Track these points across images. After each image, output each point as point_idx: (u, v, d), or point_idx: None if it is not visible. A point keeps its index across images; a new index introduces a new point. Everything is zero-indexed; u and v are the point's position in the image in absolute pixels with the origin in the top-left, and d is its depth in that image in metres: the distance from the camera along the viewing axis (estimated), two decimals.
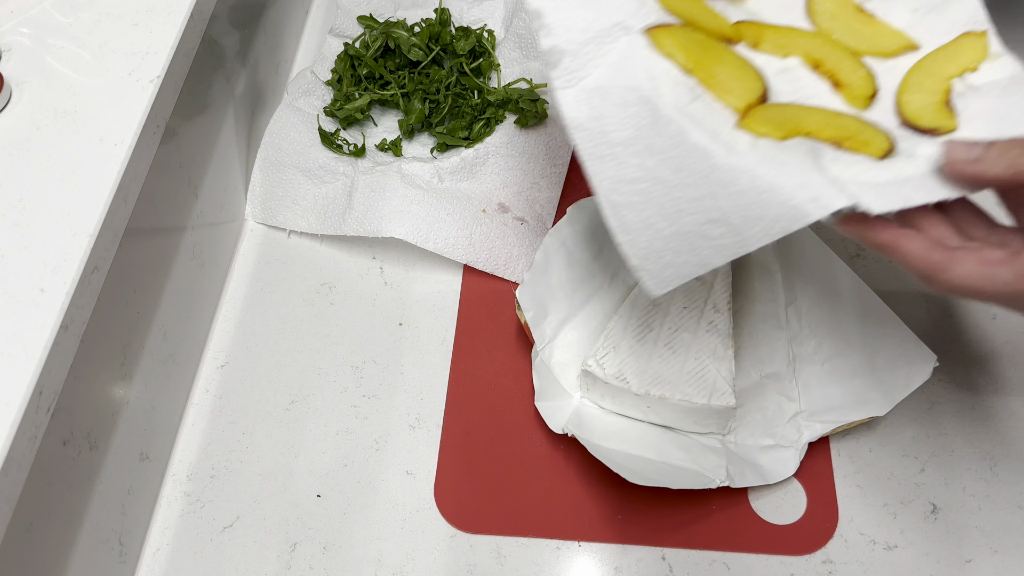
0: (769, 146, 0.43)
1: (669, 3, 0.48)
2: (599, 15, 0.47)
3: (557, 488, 0.54)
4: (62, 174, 0.48)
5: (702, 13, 0.49)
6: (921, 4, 0.50)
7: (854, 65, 0.49)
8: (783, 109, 0.46)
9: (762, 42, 0.50)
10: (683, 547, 0.52)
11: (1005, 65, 0.47)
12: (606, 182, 0.44)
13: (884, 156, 0.44)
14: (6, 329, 0.42)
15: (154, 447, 0.56)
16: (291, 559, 0.54)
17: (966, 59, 0.48)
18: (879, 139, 0.44)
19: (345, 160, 0.69)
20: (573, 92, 0.45)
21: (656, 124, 0.44)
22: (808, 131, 0.45)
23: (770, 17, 0.51)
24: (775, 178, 0.41)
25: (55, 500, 0.46)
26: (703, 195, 0.42)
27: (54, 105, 0.51)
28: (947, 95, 0.47)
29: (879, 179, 0.42)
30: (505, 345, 0.61)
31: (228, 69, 0.66)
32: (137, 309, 0.54)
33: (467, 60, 0.71)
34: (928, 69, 0.48)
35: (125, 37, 0.54)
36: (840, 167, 0.42)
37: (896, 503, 0.53)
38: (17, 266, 0.44)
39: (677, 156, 0.43)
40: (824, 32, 0.50)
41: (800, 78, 0.48)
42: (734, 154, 0.42)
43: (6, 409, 0.40)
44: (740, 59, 0.48)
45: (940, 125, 0.45)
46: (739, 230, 0.42)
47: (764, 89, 0.47)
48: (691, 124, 0.43)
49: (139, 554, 0.55)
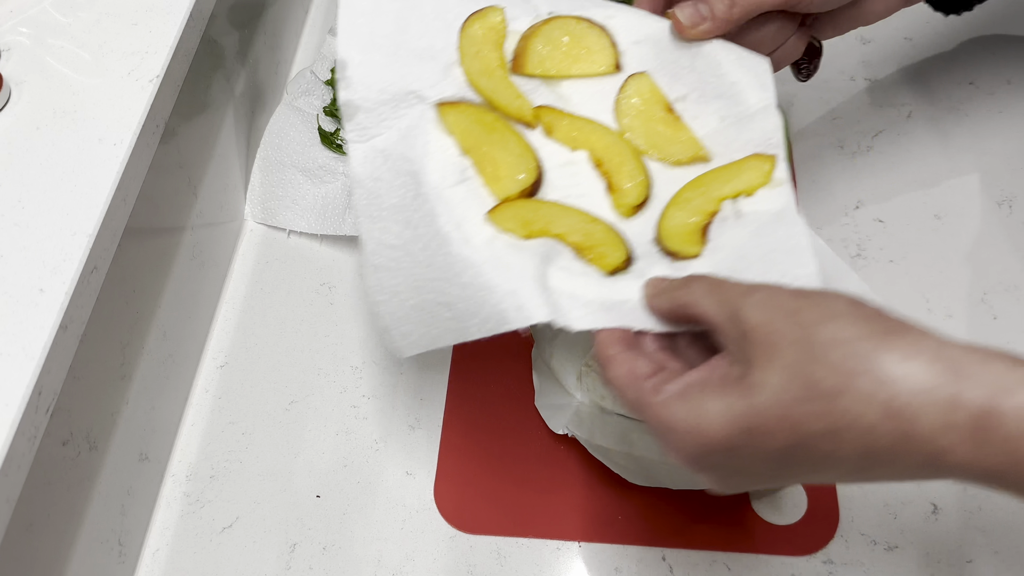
0: (506, 244, 0.44)
1: (473, 78, 0.49)
2: (399, 79, 0.48)
3: (557, 488, 0.54)
4: (61, 174, 0.48)
5: (504, 93, 0.49)
6: (729, 113, 0.49)
7: (633, 171, 0.48)
8: (540, 206, 0.46)
9: (556, 131, 0.49)
10: (683, 547, 0.52)
11: (779, 196, 0.46)
12: (371, 242, 0.45)
13: (614, 272, 0.44)
14: (5, 329, 0.42)
15: (153, 447, 0.56)
16: (291, 559, 0.54)
17: (744, 182, 0.47)
18: (615, 254, 0.44)
19: (345, 160, 0.69)
20: (363, 148, 0.47)
21: (417, 199, 0.45)
22: (556, 233, 0.45)
23: (579, 104, 0.50)
24: (493, 279, 0.42)
25: (54, 500, 0.46)
26: (438, 278, 0.44)
27: (53, 105, 0.51)
28: (710, 217, 0.46)
29: (595, 296, 0.42)
30: (505, 345, 0.61)
31: (228, 69, 0.66)
32: (136, 309, 0.54)
33: None
34: (705, 186, 0.47)
35: (124, 37, 0.54)
36: (564, 277, 0.43)
37: (897, 503, 0.53)
38: (16, 266, 0.44)
39: (425, 235, 0.44)
40: (624, 129, 0.49)
41: (579, 174, 0.48)
42: (468, 247, 0.43)
43: (5, 409, 0.39)
44: (523, 147, 0.47)
45: (681, 250, 0.45)
46: (462, 319, 0.43)
47: (536, 181, 0.47)
48: (443, 208, 0.44)
49: (138, 554, 0.55)
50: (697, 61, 0.50)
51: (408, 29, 0.49)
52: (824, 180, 0.65)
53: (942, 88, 0.69)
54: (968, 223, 0.61)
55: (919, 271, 0.59)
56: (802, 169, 0.65)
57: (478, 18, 0.50)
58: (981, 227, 0.60)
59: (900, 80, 0.69)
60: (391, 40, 0.48)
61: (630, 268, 0.44)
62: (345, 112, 0.47)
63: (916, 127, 0.67)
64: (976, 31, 0.70)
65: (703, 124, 0.49)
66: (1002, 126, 0.66)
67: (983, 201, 0.55)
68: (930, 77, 0.69)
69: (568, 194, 0.47)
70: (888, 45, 0.71)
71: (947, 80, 0.69)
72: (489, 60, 0.50)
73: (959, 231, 0.61)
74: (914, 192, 0.64)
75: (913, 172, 0.65)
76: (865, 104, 0.68)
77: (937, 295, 0.58)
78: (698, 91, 0.50)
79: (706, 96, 0.49)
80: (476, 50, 0.50)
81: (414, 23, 0.49)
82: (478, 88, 0.49)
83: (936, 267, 0.59)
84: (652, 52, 0.50)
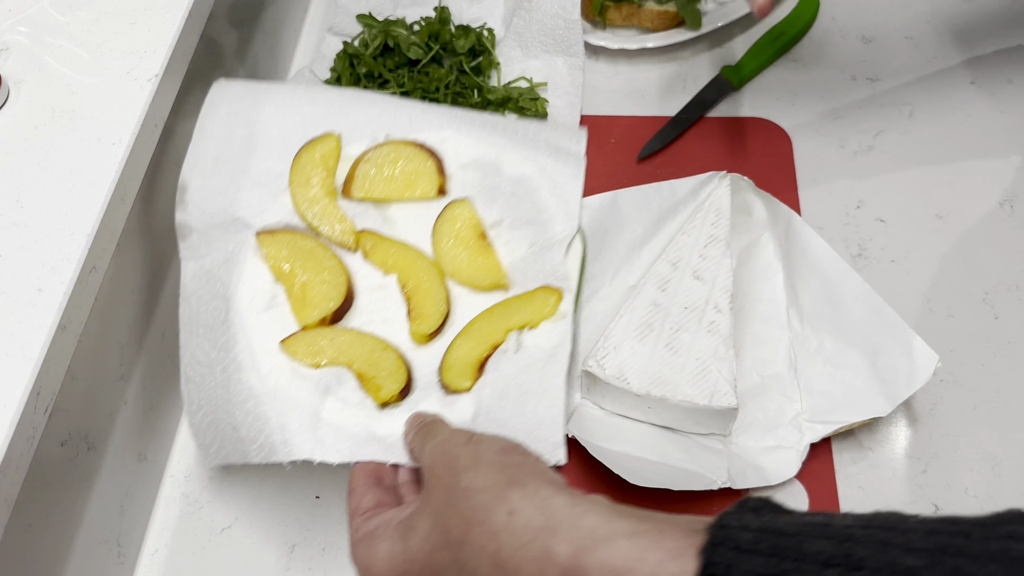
0: (291, 374, 0.47)
1: (299, 206, 0.52)
2: (229, 205, 0.51)
3: None
4: (60, 173, 0.47)
5: (327, 220, 0.52)
6: (537, 240, 0.52)
7: (435, 299, 0.50)
8: (336, 335, 0.49)
9: (372, 255, 0.52)
10: None
11: (558, 331, 0.49)
12: (187, 355, 0.49)
13: (386, 404, 0.47)
14: (4, 329, 0.42)
15: (152, 448, 0.56)
16: (289, 560, 0.54)
17: (531, 313, 0.49)
18: (392, 386, 0.47)
19: None
20: (193, 266, 0.50)
21: (224, 323, 0.49)
22: (343, 362, 0.48)
23: (403, 227, 0.53)
24: (268, 411, 0.46)
25: (53, 501, 0.46)
26: (230, 401, 0.47)
27: (52, 104, 0.51)
28: (493, 349, 0.49)
29: (362, 429, 0.46)
30: None
31: (227, 68, 0.66)
32: (135, 309, 0.54)
33: (467, 59, 0.71)
34: (496, 315, 0.50)
35: (123, 36, 0.53)
36: (338, 408, 0.46)
37: (898, 504, 0.53)
38: (15, 266, 0.44)
39: (224, 359, 0.48)
40: (437, 254, 0.52)
41: (387, 298, 0.51)
42: (255, 375, 0.47)
43: (4, 410, 0.39)
44: (337, 273, 0.50)
45: (453, 384, 0.48)
46: (244, 443, 0.46)
47: (343, 306, 0.50)
48: (243, 334, 0.48)
49: (137, 555, 0.54)
50: (516, 187, 0.53)
51: (254, 153, 0.53)
52: (825, 179, 0.65)
53: (944, 88, 0.68)
54: (970, 223, 0.61)
55: (920, 271, 0.59)
56: (803, 168, 0.65)
57: (314, 144, 0.54)
58: (983, 227, 0.60)
59: (901, 79, 0.69)
60: (233, 165, 0.52)
61: (407, 399, 0.47)
62: (179, 232, 0.51)
63: (918, 126, 0.67)
64: (977, 31, 0.70)
65: (512, 250, 0.52)
66: (1004, 126, 0.66)
67: (985, 201, 0.54)
68: (931, 76, 0.69)
69: (372, 319, 0.50)
70: (889, 44, 0.70)
71: (949, 80, 0.69)
72: (317, 187, 0.53)
73: (960, 231, 0.60)
74: (916, 192, 0.63)
75: (915, 172, 0.64)
76: (866, 103, 0.67)
77: (938, 295, 0.58)
78: (512, 216, 0.53)
79: (519, 222, 0.53)
80: (306, 177, 0.53)
81: (261, 147, 0.53)
82: (302, 215, 0.52)
83: (937, 267, 0.59)
84: (477, 176, 0.53)
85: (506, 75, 0.72)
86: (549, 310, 0.49)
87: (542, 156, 0.54)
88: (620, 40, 0.72)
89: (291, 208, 0.52)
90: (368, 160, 0.54)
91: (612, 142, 0.68)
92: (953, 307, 0.58)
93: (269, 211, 0.51)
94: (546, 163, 0.53)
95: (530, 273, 0.51)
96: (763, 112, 0.68)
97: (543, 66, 0.71)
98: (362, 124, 0.55)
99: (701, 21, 0.71)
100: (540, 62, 0.71)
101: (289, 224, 0.52)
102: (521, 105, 0.68)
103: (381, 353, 0.49)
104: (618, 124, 0.69)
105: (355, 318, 0.50)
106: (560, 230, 0.52)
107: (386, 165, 0.53)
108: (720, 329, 0.53)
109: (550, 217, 0.52)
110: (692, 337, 0.53)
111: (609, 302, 0.58)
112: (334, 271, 0.50)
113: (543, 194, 0.52)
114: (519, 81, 0.70)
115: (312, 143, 0.54)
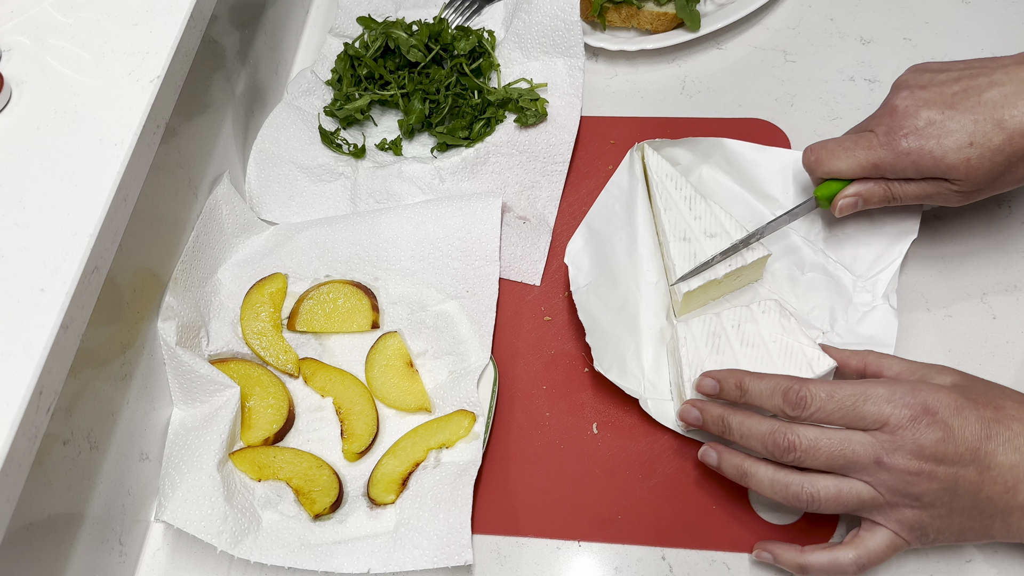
0: (242, 485, 0.54)
1: (248, 338, 0.60)
2: None
3: (557, 488, 0.54)
4: (62, 174, 0.48)
5: (272, 350, 0.60)
6: (456, 368, 0.58)
7: (366, 420, 0.57)
8: (277, 453, 0.55)
9: (312, 380, 0.59)
10: (683, 547, 0.52)
11: (471, 449, 0.54)
12: (171, 470, 0.54)
13: (318, 517, 0.53)
14: (6, 329, 0.42)
15: (154, 447, 0.56)
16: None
17: (448, 434, 0.55)
18: (324, 500, 0.53)
19: (344, 160, 0.69)
20: (181, 413, 0.57)
21: (184, 432, 0.55)
22: (282, 477, 0.55)
23: (340, 356, 0.60)
24: (225, 509, 0.52)
25: (55, 500, 0.46)
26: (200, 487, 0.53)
27: (54, 105, 0.51)
28: (415, 466, 0.54)
29: (296, 538, 0.52)
30: (508, 351, 0.61)
31: (228, 69, 0.66)
32: (137, 309, 0.54)
33: (467, 60, 0.71)
34: (420, 436, 0.56)
35: (125, 37, 0.54)
36: (277, 520, 0.53)
37: None
38: (17, 266, 0.44)
39: (190, 456, 0.55)
40: (370, 380, 0.59)
41: (324, 419, 0.58)
42: (214, 478, 0.53)
43: (6, 409, 0.40)
44: (281, 399, 0.58)
45: (378, 498, 0.53)
46: (212, 535, 0.51)
47: (284, 428, 0.57)
48: (199, 444, 0.55)
49: (139, 554, 0.55)
50: (439, 320, 0.60)
51: (219, 291, 0.62)
52: None
53: None
54: (968, 223, 0.61)
55: (919, 271, 0.60)
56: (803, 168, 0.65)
57: (265, 282, 0.62)
58: (981, 227, 0.61)
59: None
60: (195, 294, 0.60)
61: (337, 511, 0.53)
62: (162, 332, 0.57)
63: None
64: (976, 31, 0.70)
65: (435, 377, 0.58)
66: None
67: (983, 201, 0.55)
68: None
69: (309, 438, 0.57)
70: (888, 45, 0.71)
71: None
72: (264, 320, 0.60)
73: (959, 231, 0.61)
74: None
75: None
76: (865, 104, 0.68)
77: (937, 295, 0.58)
78: (435, 347, 0.59)
79: (440, 352, 0.59)
80: (255, 312, 0.60)
81: (226, 282, 0.62)
82: (250, 346, 0.59)
83: (936, 267, 0.59)
84: (405, 312, 0.61)
85: (506, 76, 0.72)
86: (463, 431, 0.55)
87: (461, 291, 0.61)
88: (619, 42, 0.72)
89: (240, 338, 0.60)
90: (311, 298, 0.61)
91: (612, 143, 0.68)
92: (952, 307, 0.58)
93: (221, 339, 0.59)
94: (465, 301, 0.60)
95: (449, 398, 0.57)
96: (762, 113, 0.68)
97: (543, 67, 0.71)
98: (305, 263, 0.63)
99: (700, 23, 0.71)
100: (540, 63, 0.71)
101: (238, 353, 0.59)
102: (521, 106, 0.68)
103: (317, 471, 0.55)
104: (618, 125, 0.69)
105: (295, 437, 0.57)
106: (475, 360, 0.58)
107: (327, 302, 0.61)
108: (772, 308, 0.55)
109: (467, 349, 0.58)
110: (755, 326, 0.55)
111: (640, 304, 0.60)
112: (278, 396, 0.58)
113: (461, 329, 0.59)
114: (519, 82, 0.70)
115: (262, 281, 0.62)
